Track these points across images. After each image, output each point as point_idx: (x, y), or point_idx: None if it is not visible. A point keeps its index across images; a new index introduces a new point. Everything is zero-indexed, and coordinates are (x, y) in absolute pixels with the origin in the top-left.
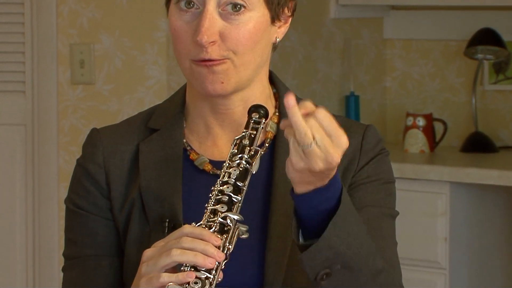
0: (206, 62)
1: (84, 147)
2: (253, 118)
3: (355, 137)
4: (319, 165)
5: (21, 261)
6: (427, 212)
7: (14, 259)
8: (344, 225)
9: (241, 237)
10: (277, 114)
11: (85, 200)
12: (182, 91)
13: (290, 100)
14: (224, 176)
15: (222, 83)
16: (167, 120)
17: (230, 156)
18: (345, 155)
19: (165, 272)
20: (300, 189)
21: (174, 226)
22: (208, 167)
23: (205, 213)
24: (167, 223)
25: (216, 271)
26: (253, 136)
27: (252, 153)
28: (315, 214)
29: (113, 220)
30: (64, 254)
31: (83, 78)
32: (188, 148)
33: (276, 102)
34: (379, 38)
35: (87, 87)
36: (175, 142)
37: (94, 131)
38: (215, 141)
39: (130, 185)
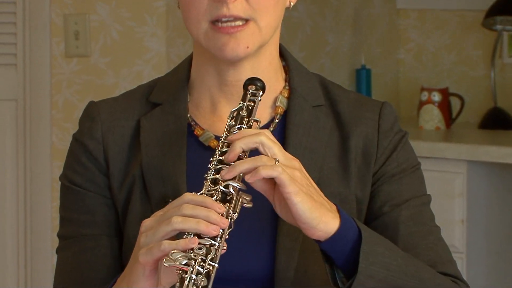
0: (229, 28)
1: (81, 121)
2: (250, 91)
3: (370, 116)
4: (297, 175)
5: (12, 244)
6: (443, 193)
7: (5, 243)
8: (374, 249)
9: (244, 205)
10: (287, 88)
11: (82, 176)
12: (186, 64)
13: (227, 175)
14: (222, 146)
15: (248, 47)
16: (169, 94)
17: (227, 128)
18: (360, 136)
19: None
20: (319, 231)
21: None
22: (214, 143)
23: (205, 183)
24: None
25: (220, 239)
26: (250, 107)
27: (251, 123)
28: (342, 251)
29: (111, 198)
30: (58, 234)
31: (78, 50)
32: (193, 123)
33: (286, 75)
34: (392, 8)
35: (82, 60)
36: (179, 117)
37: (91, 104)
38: (221, 116)
39: (130, 162)
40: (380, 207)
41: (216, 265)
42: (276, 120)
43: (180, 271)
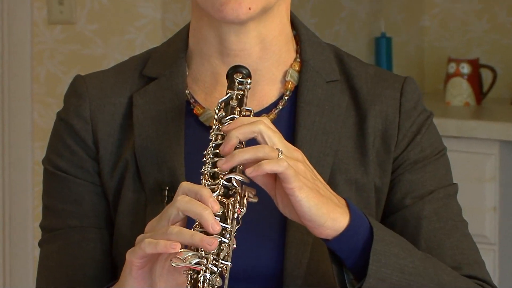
0: None
1: (66, 98)
2: (237, 79)
3: (391, 94)
4: (300, 167)
5: None
6: (472, 177)
7: None
8: (387, 249)
9: (250, 200)
10: (298, 60)
11: (67, 161)
12: (185, 32)
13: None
14: (216, 138)
15: (250, 8)
16: (165, 66)
17: (218, 119)
18: (379, 116)
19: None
20: (326, 229)
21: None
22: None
23: (203, 177)
24: (166, 191)
25: (230, 235)
26: (240, 96)
27: (244, 114)
28: (351, 250)
29: (101, 186)
30: (41, 225)
31: (62, 16)
32: (192, 100)
33: (297, 46)
34: None
35: (67, 28)
36: (176, 93)
37: (78, 79)
38: (224, 93)
39: (122, 145)
40: (401, 199)
41: (229, 263)
42: (286, 97)
43: (191, 272)
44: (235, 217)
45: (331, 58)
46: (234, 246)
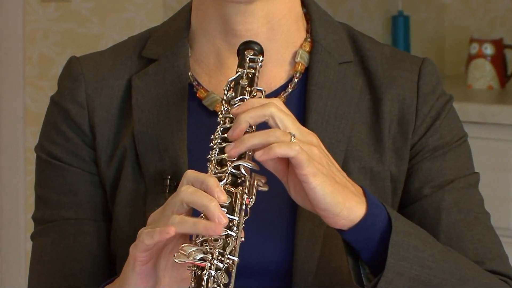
0: None
1: (61, 81)
2: (248, 56)
3: (408, 76)
4: (315, 152)
5: None
6: (496, 165)
7: None
8: (406, 241)
9: (260, 189)
10: (309, 40)
11: (62, 148)
12: (186, 11)
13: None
14: (225, 122)
15: None
16: (167, 47)
17: (226, 100)
18: (395, 100)
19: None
20: (342, 219)
21: (178, 184)
22: (220, 107)
23: (209, 165)
24: (168, 181)
25: (237, 228)
26: (251, 75)
27: (254, 94)
28: (368, 242)
29: (98, 175)
30: (34, 217)
31: None
32: (195, 83)
33: (307, 25)
34: None
35: (61, 5)
36: (178, 75)
37: (73, 61)
38: (229, 75)
39: (120, 131)
40: (419, 189)
41: (236, 259)
42: (296, 79)
43: (195, 268)
44: (243, 207)
45: (344, 38)
46: (242, 239)
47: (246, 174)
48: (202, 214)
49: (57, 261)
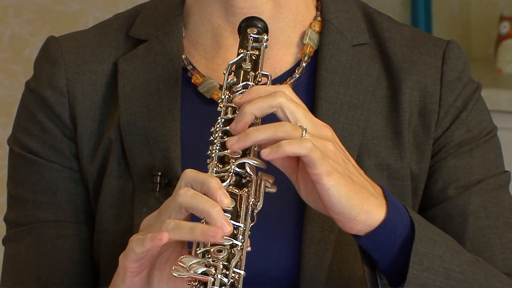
0: None
1: (37, 65)
2: (251, 35)
3: (431, 61)
4: (330, 148)
5: None
6: None
7: None
8: (430, 250)
9: (267, 190)
10: (319, 19)
11: (39, 141)
12: None
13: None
14: (226, 112)
15: None
16: (157, 26)
17: (227, 86)
18: (416, 88)
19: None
20: (358, 224)
21: (170, 181)
22: (218, 95)
23: (210, 161)
24: (158, 178)
25: (243, 237)
26: (255, 57)
27: (259, 79)
28: (387, 250)
29: (79, 171)
30: (6, 219)
31: None
32: (189, 67)
33: (317, 2)
34: None
35: None
36: (170, 58)
37: (52, 41)
38: (228, 58)
39: (105, 121)
40: (443, 190)
41: (243, 272)
42: (304, 64)
43: (196, 283)
44: (249, 212)
45: (359, 16)
46: (248, 249)
47: (252, 173)
48: (203, 220)
49: (32, 269)
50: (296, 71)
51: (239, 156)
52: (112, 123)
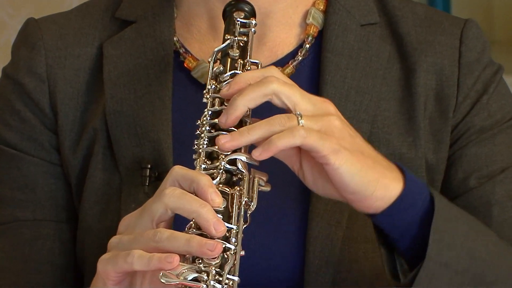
0: None
1: (15, 49)
2: (238, 19)
3: (447, 41)
4: (335, 124)
5: None
6: None
7: None
8: (453, 227)
9: (260, 189)
10: None
11: (16, 132)
12: None
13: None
14: (213, 104)
15: None
16: (147, 7)
17: (213, 76)
18: (431, 71)
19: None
20: (376, 201)
21: (160, 175)
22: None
23: (197, 158)
24: (148, 171)
25: (236, 239)
26: (243, 44)
27: (248, 68)
28: (407, 226)
29: (61, 165)
30: None
31: None
32: (182, 50)
33: None
34: None
35: None
36: (161, 41)
37: (31, 24)
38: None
39: (88, 110)
40: (464, 180)
41: (237, 278)
42: (307, 45)
43: None
44: (242, 213)
45: None
46: (242, 253)
47: (244, 170)
48: (191, 222)
49: (9, 273)
50: (299, 54)
51: (229, 152)
52: (97, 112)
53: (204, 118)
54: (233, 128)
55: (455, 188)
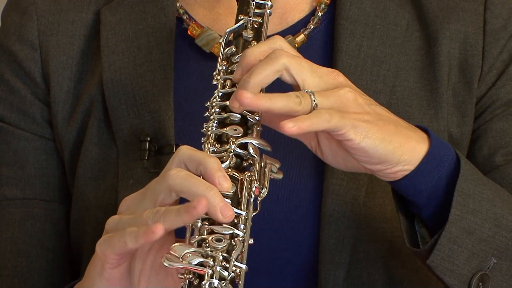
0: None
1: (5, 15)
2: None
3: (471, 7)
4: (349, 97)
5: None
6: None
7: None
8: (478, 191)
9: (272, 177)
10: None
11: (5, 104)
12: None
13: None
14: (224, 85)
15: None
16: None
17: (224, 56)
18: (455, 39)
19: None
20: (404, 165)
21: (160, 148)
22: (219, 49)
23: (205, 140)
24: (148, 144)
25: (245, 226)
26: (257, 25)
27: None
28: (431, 189)
29: (53, 139)
30: None
31: None
32: (185, 17)
33: None
34: None
35: None
36: (163, 6)
37: None
38: (231, 7)
39: (84, 79)
40: (489, 157)
41: (245, 266)
42: (320, 13)
43: (191, 276)
44: (252, 200)
45: None
46: (251, 241)
47: (255, 155)
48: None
49: None
50: (311, 21)
51: (240, 135)
52: (92, 82)
53: (214, 100)
54: (245, 112)
55: (480, 165)
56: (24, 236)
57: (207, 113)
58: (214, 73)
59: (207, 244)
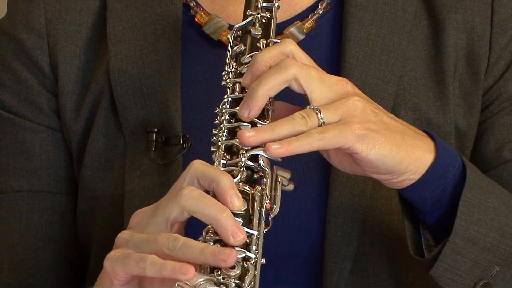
0: None
1: (11, 3)
2: None
3: None
4: (358, 105)
5: None
6: None
7: None
8: (483, 200)
9: (284, 189)
10: None
11: (12, 94)
12: None
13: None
14: (234, 89)
15: None
16: None
17: (232, 55)
18: (462, 29)
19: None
20: (410, 175)
21: (168, 139)
22: (228, 36)
23: (215, 151)
24: (155, 135)
25: (256, 247)
26: (265, 20)
27: None
28: (436, 198)
29: (61, 130)
30: None
31: None
32: (193, 4)
33: None
34: None
35: None
36: None
37: None
38: None
39: (92, 68)
40: (496, 151)
41: None
42: (327, 1)
43: None
44: (263, 216)
45: None
46: (263, 261)
47: (266, 168)
48: (209, 226)
49: (4, 249)
50: (319, 7)
51: (249, 147)
52: (100, 71)
53: (224, 106)
54: (255, 119)
55: (487, 159)
56: (31, 229)
57: (216, 121)
58: (223, 73)
59: (219, 271)
